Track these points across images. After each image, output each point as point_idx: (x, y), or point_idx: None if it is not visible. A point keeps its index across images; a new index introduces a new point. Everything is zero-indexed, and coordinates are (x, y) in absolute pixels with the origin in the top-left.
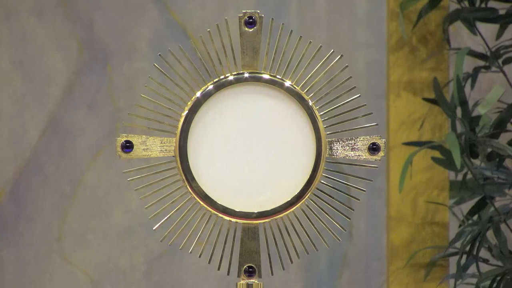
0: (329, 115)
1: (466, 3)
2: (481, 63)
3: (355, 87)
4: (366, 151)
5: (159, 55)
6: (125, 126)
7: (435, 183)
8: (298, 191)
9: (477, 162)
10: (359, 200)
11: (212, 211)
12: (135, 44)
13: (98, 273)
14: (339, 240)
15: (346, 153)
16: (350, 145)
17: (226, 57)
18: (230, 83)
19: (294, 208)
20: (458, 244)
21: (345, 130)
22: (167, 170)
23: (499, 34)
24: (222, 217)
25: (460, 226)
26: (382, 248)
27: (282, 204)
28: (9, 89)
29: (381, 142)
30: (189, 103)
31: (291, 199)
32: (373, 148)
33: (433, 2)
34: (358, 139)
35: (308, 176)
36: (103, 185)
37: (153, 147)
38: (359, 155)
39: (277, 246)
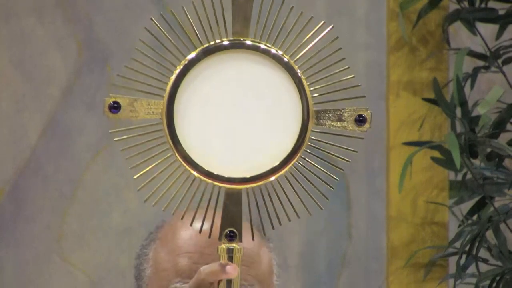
0: (317, 85)
1: (466, 3)
2: (481, 63)
3: (344, 58)
4: (352, 122)
5: (151, 18)
6: (115, 88)
7: (435, 183)
8: (283, 158)
9: (476, 162)
10: (342, 170)
11: (196, 174)
12: (134, 45)
13: (97, 273)
14: (322, 209)
15: (332, 123)
16: (336, 115)
17: (217, 25)
18: (219, 49)
19: (278, 174)
20: (457, 244)
21: (332, 101)
22: (153, 132)
23: (498, 35)
24: (205, 181)
25: (459, 226)
26: (381, 248)
27: (266, 171)
28: (8, 89)
29: (367, 113)
30: (178, 67)
31: (275, 165)
32: (360, 120)
33: (432, 2)
34: (345, 110)
35: (293, 144)
36: (102, 185)
37: (141, 109)
38: (345, 126)
39: (260, 212)
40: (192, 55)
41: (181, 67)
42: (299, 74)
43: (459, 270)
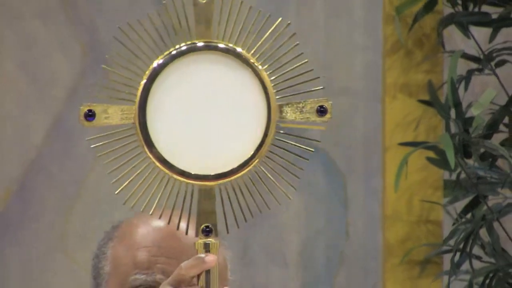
0: (279, 80)
1: (460, 8)
2: (474, 65)
3: (302, 53)
4: (314, 113)
5: (118, 27)
6: (89, 97)
7: (430, 183)
8: (251, 153)
9: (470, 162)
10: (308, 160)
11: (171, 174)
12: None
13: None
14: (290, 198)
15: (295, 115)
16: (299, 108)
17: (181, 28)
18: (185, 52)
19: (247, 170)
20: (452, 242)
21: (294, 94)
22: (128, 137)
23: (491, 38)
24: (179, 180)
25: (454, 224)
26: (378, 246)
27: (236, 167)
28: (13, 90)
29: (328, 104)
30: (147, 72)
31: (244, 161)
32: (321, 111)
33: (428, 6)
34: (307, 102)
35: (260, 139)
36: (105, 185)
37: (114, 115)
38: (307, 117)
39: (232, 206)
40: (160, 60)
41: (150, 72)
42: (261, 71)
43: (453, 267)
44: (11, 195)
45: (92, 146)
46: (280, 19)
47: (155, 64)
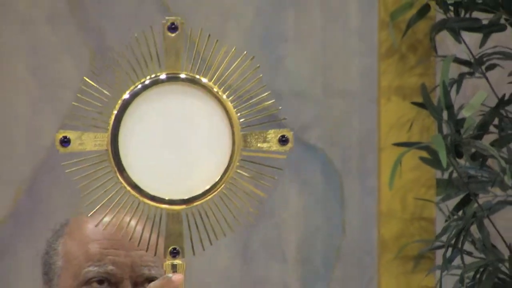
0: (243, 110)
1: (452, 14)
2: (466, 69)
3: (265, 85)
4: (276, 142)
5: (95, 59)
6: (64, 124)
7: (423, 181)
8: (217, 179)
9: (462, 161)
10: (270, 185)
11: (141, 198)
12: (141, 52)
13: None
14: (254, 223)
15: (258, 144)
16: (262, 137)
17: (151, 60)
18: (153, 84)
19: (213, 195)
20: (444, 238)
21: (258, 124)
22: (101, 162)
23: (482, 43)
24: (149, 204)
25: (446, 221)
26: (373, 242)
27: (202, 192)
28: (25, 93)
29: (289, 134)
30: (119, 101)
31: (210, 187)
32: (283, 140)
33: (421, 12)
34: (269, 132)
35: (225, 166)
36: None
37: (88, 141)
38: (270, 146)
39: (198, 229)
40: (130, 91)
41: (121, 102)
42: (226, 101)
43: (445, 262)
44: (21, 194)
45: (66, 171)
46: (245, 52)
47: (126, 95)
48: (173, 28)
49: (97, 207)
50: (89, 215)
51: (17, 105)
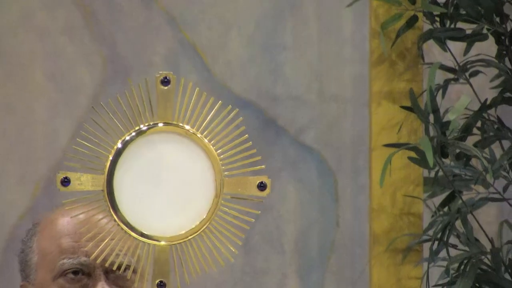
0: (225, 157)
1: (438, 24)
2: (451, 76)
3: (247, 135)
4: (255, 188)
5: (92, 107)
6: (65, 165)
7: (411, 179)
8: (201, 220)
9: (447, 161)
10: (248, 226)
11: (132, 234)
12: (151, 60)
13: None
14: (232, 260)
15: (238, 189)
16: (242, 182)
17: (145, 110)
18: (145, 132)
19: (197, 233)
20: (431, 232)
21: (239, 170)
22: (97, 201)
23: (466, 51)
24: (139, 240)
25: (432, 216)
26: (365, 236)
27: (188, 231)
28: (43, 98)
29: (267, 181)
30: (114, 147)
31: (195, 226)
32: (261, 186)
33: (409, 23)
34: (249, 178)
35: (209, 207)
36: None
37: (86, 182)
38: (249, 191)
39: (183, 264)
40: (125, 138)
41: (116, 148)
42: (210, 149)
43: (432, 254)
44: (39, 190)
45: (66, 208)
46: (229, 106)
47: (120, 142)
48: (165, 81)
49: (93, 241)
50: (85, 249)
51: (35, 109)
